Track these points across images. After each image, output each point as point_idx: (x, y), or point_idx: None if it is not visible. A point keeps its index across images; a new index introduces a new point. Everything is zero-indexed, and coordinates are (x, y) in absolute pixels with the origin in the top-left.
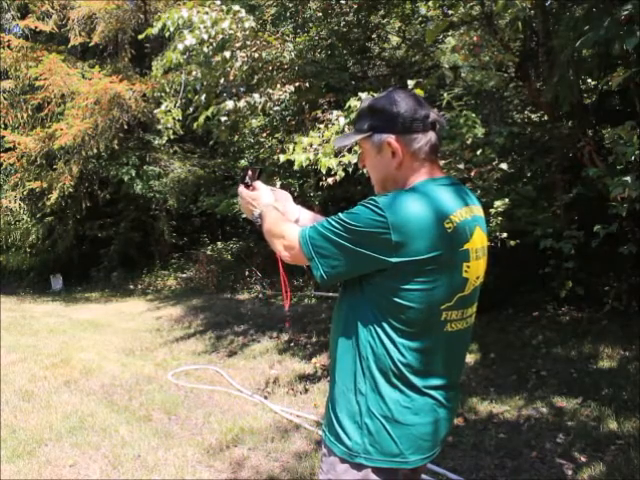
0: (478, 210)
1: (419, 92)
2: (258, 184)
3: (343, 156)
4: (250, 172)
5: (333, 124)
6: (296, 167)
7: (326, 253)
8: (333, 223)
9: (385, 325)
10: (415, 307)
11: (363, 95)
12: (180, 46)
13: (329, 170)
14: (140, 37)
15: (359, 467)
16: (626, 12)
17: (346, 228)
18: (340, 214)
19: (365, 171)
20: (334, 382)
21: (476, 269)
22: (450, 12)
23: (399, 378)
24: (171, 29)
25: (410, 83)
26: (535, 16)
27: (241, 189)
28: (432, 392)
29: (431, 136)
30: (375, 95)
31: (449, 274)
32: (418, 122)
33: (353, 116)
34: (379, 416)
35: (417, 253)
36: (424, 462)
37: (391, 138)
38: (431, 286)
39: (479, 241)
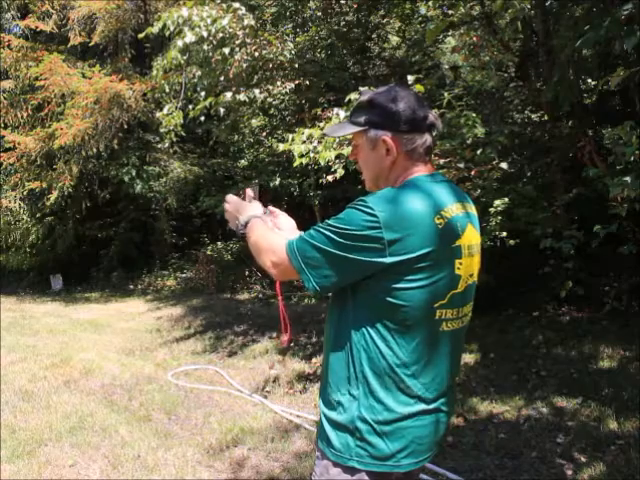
0: (471, 208)
1: (419, 88)
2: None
3: (343, 149)
4: (250, 192)
5: (332, 119)
6: (296, 163)
7: (316, 264)
8: (322, 231)
9: (379, 326)
10: (410, 306)
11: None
12: (180, 43)
13: (329, 167)
14: (140, 36)
15: (352, 471)
16: (626, 12)
17: (337, 233)
18: (328, 220)
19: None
20: (327, 386)
21: (469, 266)
22: (450, 12)
23: (394, 381)
24: (171, 28)
25: (410, 78)
26: (535, 16)
27: (230, 195)
28: (427, 396)
29: (427, 138)
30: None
31: (442, 271)
32: (416, 123)
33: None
34: (372, 420)
35: (410, 250)
36: (418, 466)
37: (387, 136)
38: (424, 283)
39: (472, 238)
